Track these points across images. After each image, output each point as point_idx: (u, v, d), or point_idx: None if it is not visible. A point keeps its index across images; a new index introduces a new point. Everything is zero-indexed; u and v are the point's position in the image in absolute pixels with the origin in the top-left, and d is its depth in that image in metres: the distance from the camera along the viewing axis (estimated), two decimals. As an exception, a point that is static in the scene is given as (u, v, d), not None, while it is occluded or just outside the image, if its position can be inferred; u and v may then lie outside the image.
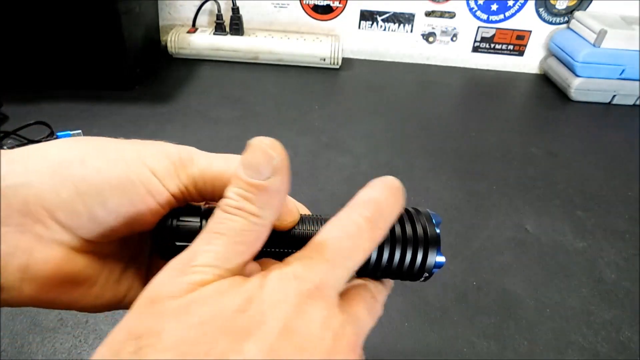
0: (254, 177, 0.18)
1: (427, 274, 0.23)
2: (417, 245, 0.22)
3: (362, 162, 0.77)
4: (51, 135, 0.73)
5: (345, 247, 0.19)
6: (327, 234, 0.19)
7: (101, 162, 0.19)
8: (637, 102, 1.08)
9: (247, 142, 0.18)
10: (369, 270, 0.23)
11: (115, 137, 0.21)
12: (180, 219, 0.21)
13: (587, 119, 1.02)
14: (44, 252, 0.19)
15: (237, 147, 0.21)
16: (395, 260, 0.22)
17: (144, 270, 0.24)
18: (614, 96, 1.07)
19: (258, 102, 0.95)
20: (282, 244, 0.22)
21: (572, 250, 0.63)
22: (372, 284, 0.22)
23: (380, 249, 0.22)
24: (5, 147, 0.70)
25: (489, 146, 0.87)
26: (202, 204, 0.23)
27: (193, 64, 1.09)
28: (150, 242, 0.24)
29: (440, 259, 0.23)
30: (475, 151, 0.85)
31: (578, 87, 1.05)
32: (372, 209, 0.20)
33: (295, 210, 0.22)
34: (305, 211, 0.24)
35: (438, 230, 0.23)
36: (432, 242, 0.22)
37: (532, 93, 1.14)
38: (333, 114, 0.93)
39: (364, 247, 0.19)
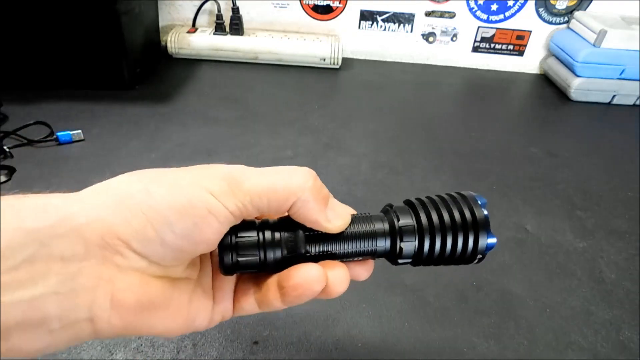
0: None
1: (481, 256, 0.24)
2: (467, 229, 0.23)
3: (362, 162, 0.77)
4: (51, 135, 0.73)
5: None
6: None
7: (163, 189, 0.20)
8: (637, 102, 1.08)
9: None
10: (424, 259, 0.23)
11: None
12: (239, 235, 0.22)
13: (587, 119, 1.02)
14: (125, 280, 0.20)
15: (237, 147, 0.21)
16: (448, 247, 0.23)
17: (210, 291, 0.25)
18: (614, 96, 1.07)
19: (258, 102, 0.95)
20: (336, 245, 0.23)
21: (572, 250, 0.63)
22: None
23: (433, 238, 0.23)
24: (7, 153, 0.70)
25: (489, 146, 0.87)
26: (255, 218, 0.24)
27: (193, 64, 1.09)
28: (210, 261, 0.25)
29: (492, 240, 0.23)
30: (475, 151, 0.85)
31: (578, 87, 1.05)
32: None
33: (344, 213, 0.23)
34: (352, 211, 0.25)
35: (485, 212, 0.23)
36: (481, 225, 0.23)
37: (532, 93, 1.14)
38: (333, 114, 0.93)
39: None
